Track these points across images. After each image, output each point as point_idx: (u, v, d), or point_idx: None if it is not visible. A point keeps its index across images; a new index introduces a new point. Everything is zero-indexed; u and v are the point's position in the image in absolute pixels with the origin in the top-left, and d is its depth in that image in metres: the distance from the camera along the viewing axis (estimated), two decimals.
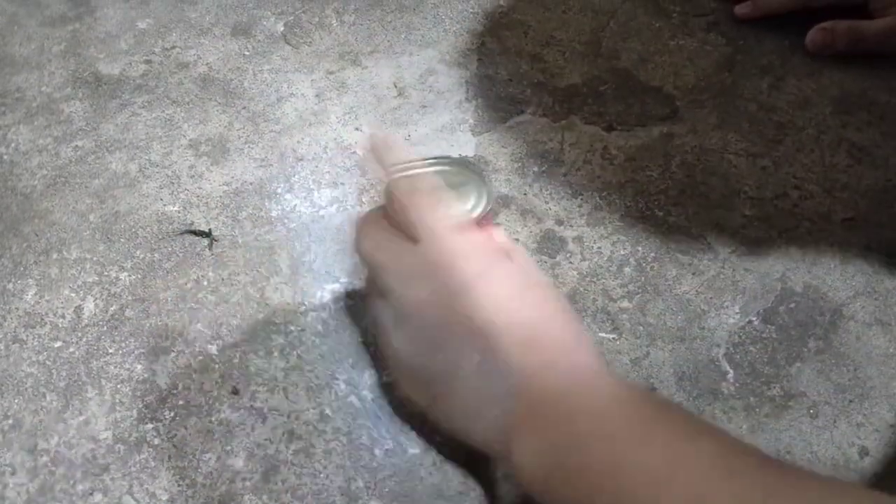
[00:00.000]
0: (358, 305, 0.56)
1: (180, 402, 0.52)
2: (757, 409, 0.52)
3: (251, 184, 0.64)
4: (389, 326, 0.47)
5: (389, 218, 0.48)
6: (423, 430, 0.50)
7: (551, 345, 0.43)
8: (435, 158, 0.51)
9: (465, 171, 0.50)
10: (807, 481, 0.37)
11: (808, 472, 0.40)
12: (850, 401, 0.53)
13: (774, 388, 0.53)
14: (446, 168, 0.50)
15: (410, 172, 0.49)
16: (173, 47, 0.74)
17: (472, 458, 0.49)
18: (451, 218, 0.46)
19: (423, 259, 0.45)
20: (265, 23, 0.76)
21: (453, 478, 0.49)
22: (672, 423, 0.40)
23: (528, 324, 0.43)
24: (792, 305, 0.57)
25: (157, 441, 0.51)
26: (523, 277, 0.45)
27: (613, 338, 0.55)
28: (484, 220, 0.49)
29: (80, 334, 0.55)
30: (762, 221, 0.62)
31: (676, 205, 0.62)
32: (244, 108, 0.69)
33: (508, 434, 0.41)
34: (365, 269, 0.51)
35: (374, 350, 0.54)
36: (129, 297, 0.57)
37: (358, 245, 0.49)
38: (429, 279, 0.45)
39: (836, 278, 0.58)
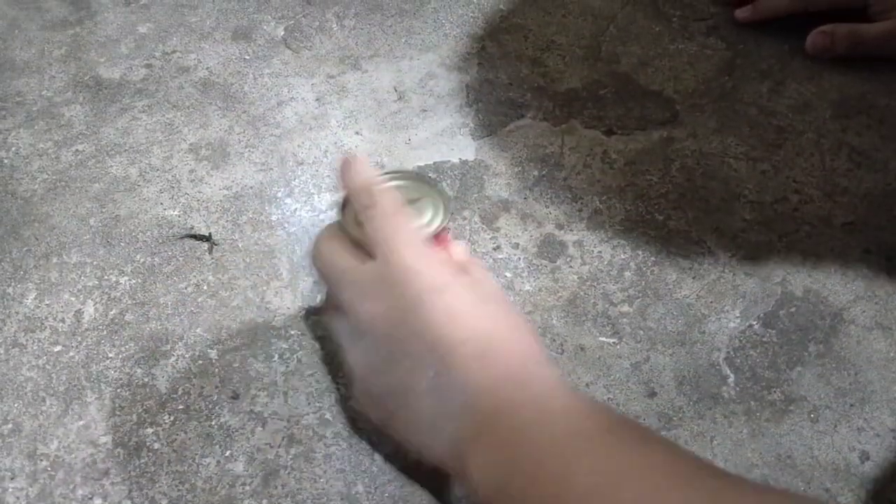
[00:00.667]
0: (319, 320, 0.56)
1: (180, 407, 0.52)
2: (758, 414, 0.52)
3: (251, 188, 0.64)
4: (346, 341, 0.47)
5: (346, 233, 0.48)
6: (380, 445, 0.50)
7: (506, 358, 0.43)
8: (392, 173, 0.51)
9: (423, 185, 0.51)
10: (751, 489, 0.38)
11: (753, 482, 0.40)
12: (851, 405, 0.53)
13: (775, 392, 0.53)
14: (404, 182, 0.51)
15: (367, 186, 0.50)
16: (174, 51, 0.74)
17: (433, 475, 0.48)
18: (407, 232, 0.46)
19: (377, 274, 0.45)
20: (265, 27, 0.76)
21: (453, 483, 0.49)
22: (623, 434, 0.40)
23: (482, 337, 0.43)
24: (792, 309, 0.57)
25: (156, 445, 0.51)
26: (479, 291, 0.45)
27: (614, 342, 0.55)
28: (441, 235, 0.49)
29: (79, 338, 0.55)
30: (762, 225, 0.62)
31: (676, 209, 0.62)
32: (244, 112, 0.69)
33: (463, 450, 0.41)
34: (323, 284, 0.52)
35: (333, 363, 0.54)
36: (129, 302, 0.57)
37: (314, 259, 0.50)
38: (383, 294, 0.44)
39: (837, 282, 0.58)
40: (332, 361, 0.54)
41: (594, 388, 0.53)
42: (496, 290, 0.48)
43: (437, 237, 0.48)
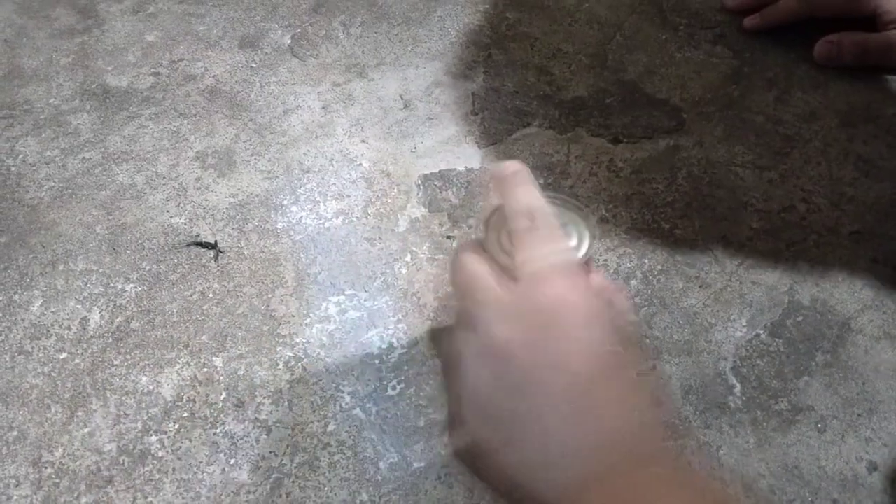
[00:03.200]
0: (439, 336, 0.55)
1: (185, 415, 0.52)
2: (764, 424, 0.52)
3: (257, 196, 0.64)
4: (471, 361, 0.45)
5: (490, 255, 0.46)
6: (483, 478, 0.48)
7: (642, 410, 0.42)
8: (546, 195, 0.47)
9: (571, 209, 0.48)
10: None
11: None
12: (859, 415, 0.52)
13: (782, 401, 0.53)
14: (554, 205, 0.47)
15: (520, 205, 0.46)
16: (181, 60, 0.74)
17: None
18: (562, 261, 0.44)
19: (521, 299, 0.43)
20: (272, 35, 0.76)
21: (458, 492, 0.49)
22: None
23: (624, 383, 0.42)
24: (799, 319, 0.57)
25: (161, 453, 0.51)
26: (622, 330, 0.44)
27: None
28: (587, 263, 0.47)
29: (85, 346, 0.55)
30: (769, 234, 0.61)
31: (683, 217, 0.62)
32: (251, 120, 0.69)
33: (581, 493, 0.40)
34: (455, 300, 0.50)
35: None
36: (135, 309, 0.57)
37: (453, 275, 0.47)
38: (525, 320, 0.43)
39: (844, 291, 0.58)
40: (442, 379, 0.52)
41: None
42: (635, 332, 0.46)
43: (585, 265, 0.46)
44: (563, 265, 0.43)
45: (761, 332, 0.56)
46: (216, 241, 0.61)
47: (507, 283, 0.44)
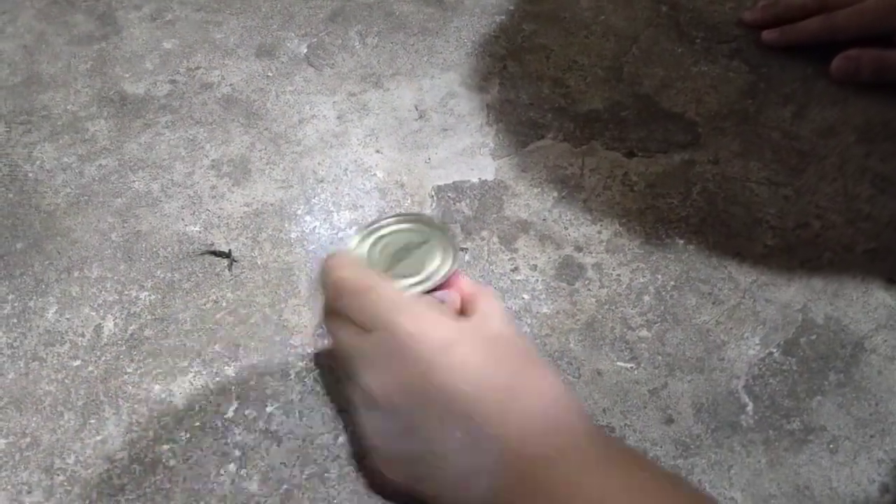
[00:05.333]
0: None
1: (196, 424, 0.52)
2: (776, 443, 0.52)
3: (272, 205, 0.64)
4: (362, 413, 0.47)
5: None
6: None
7: (531, 406, 0.43)
8: (398, 216, 0.52)
9: (430, 228, 0.51)
10: None
11: None
12: (871, 436, 0.52)
13: (794, 421, 0.53)
14: (410, 225, 0.51)
15: (371, 233, 0.51)
16: (198, 68, 0.74)
17: None
18: (396, 300, 0.45)
19: (378, 348, 0.45)
20: (289, 44, 0.77)
21: None
22: (653, 481, 0.42)
23: (501, 388, 0.43)
24: (813, 337, 0.56)
25: (172, 462, 0.51)
26: (487, 335, 0.45)
27: (631, 367, 0.55)
28: (451, 279, 0.49)
29: (99, 353, 0.56)
30: (784, 251, 0.61)
31: (697, 233, 0.62)
32: (266, 129, 0.69)
33: (500, 501, 0.42)
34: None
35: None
36: (149, 317, 0.57)
37: (327, 329, 0.50)
38: (389, 366, 0.44)
39: (858, 310, 0.58)
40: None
41: (611, 413, 0.53)
42: (504, 327, 0.47)
43: (450, 280, 0.49)
44: (401, 304, 0.45)
45: (774, 350, 0.56)
46: (230, 250, 0.61)
47: (363, 333, 0.45)
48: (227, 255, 0.61)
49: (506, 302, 0.58)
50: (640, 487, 0.41)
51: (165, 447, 0.51)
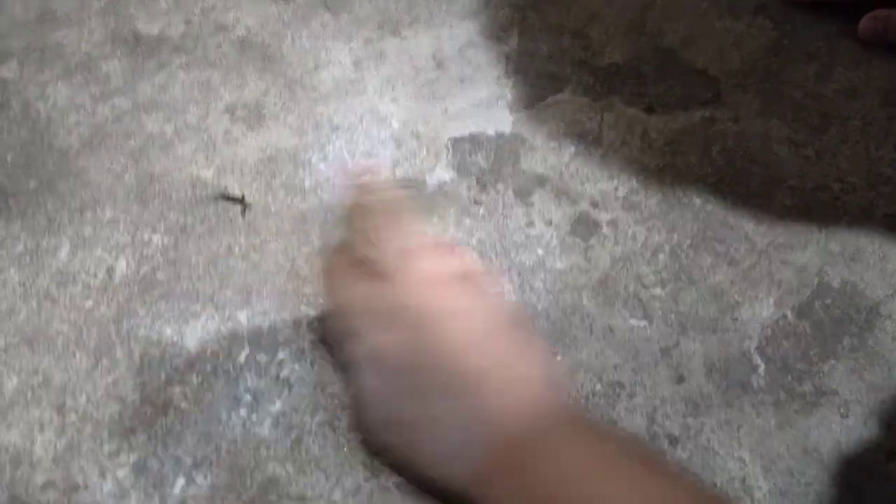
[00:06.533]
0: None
1: (208, 368, 0.53)
2: (787, 405, 0.52)
3: (286, 151, 0.63)
4: (359, 370, 0.47)
5: (356, 252, 0.47)
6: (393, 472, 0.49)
7: (527, 386, 0.44)
8: (402, 182, 0.51)
9: (428, 196, 0.52)
10: None
11: None
12: (883, 401, 0.52)
13: (806, 384, 0.52)
14: (409, 192, 0.52)
15: (377, 196, 0.49)
16: (213, 8, 0.73)
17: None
18: (416, 243, 0.46)
19: (392, 299, 0.45)
20: None
21: None
22: (644, 466, 0.43)
23: (503, 365, 0.44)
24: (828, 301, 0.56)
25: (183, 405, 0.51)
26: (501, 317, 0.46)
27: (644, 325, 0.55)
28: (451, 245, 0.50)
29: (111, 294, 0.56)
30: (802, 213, 0.60)
31: (715, 192, 0.61)
32: (282, 74, 0.68)
33: (486, 478, 0.42)
34: (331, 311, 0.51)
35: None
36: (161, 260, 0.57)
37: (325, 288, 0.50)
38: (397, 322, 0.44)
39: (875, 275, 0.57)
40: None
41: (622, 370, 0.53)
42: (517, 311, 0.48)
43: (452, 245, 0.49)
44: (420, 247, 0.46)
45: (788, 312, 0.55)
46: (243, 196, 0.60)
47: (376, 282, 0.45)
48: (241, 201, 0.60)
49: (519, 256, 0.58)
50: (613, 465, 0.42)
51: (177, 390, 0.52)
